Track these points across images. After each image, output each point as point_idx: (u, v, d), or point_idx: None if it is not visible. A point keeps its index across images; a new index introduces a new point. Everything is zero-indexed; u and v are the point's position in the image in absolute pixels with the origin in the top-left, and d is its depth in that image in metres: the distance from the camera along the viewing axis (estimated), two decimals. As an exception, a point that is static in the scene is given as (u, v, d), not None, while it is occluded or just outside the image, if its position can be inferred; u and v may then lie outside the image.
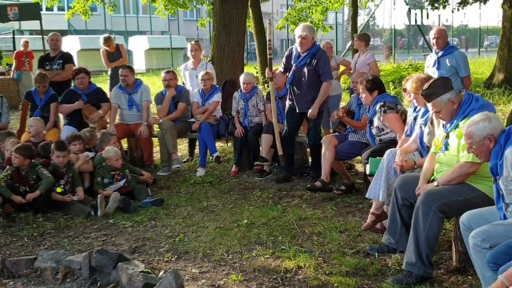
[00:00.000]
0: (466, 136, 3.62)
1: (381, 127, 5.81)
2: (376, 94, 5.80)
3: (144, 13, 38.73)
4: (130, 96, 7.90)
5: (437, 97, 4.08)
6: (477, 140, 3.54)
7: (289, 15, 19.64)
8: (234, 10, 10.04)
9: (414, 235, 4.02)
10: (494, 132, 3.51)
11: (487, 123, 3.53)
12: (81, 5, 15.83)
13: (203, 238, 5.02)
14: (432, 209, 3.95)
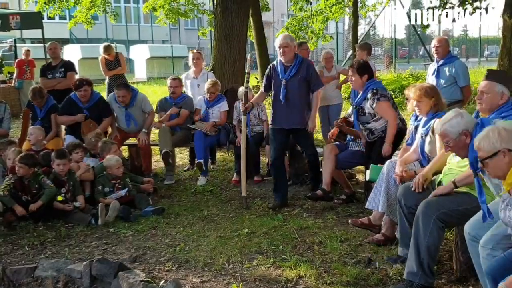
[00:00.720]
0: (441, 135, 3.65)
1: (373, 114, 5.86)
2: (366, 79, 5.86)
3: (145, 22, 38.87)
4: (127, 111, 7.82)
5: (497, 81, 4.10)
6: (453, 137, 3.56)
7: (289, 24, 19.71)
8: (235, 20, 10.07)
9: (415, 244, 4.01)
10: (468, 126, 3.53)
11: (460, 119, 3.55)
12: (84, 14, 15.89)
13: (203, 247, 5.01)
14: (432, 218, 3.94)
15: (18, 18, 10.36)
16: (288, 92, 6.34)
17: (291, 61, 6.35)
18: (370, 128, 5.97)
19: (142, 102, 7.92)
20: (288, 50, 6.29)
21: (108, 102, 7.99)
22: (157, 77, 25.61)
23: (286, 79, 6.32)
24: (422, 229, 3.97)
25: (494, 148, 3.19)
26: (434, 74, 6.99)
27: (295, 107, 6.38)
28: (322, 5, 18.93)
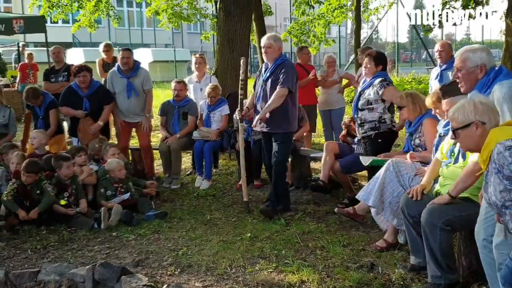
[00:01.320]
0: (460, 59, 3.56)
1: (371, 100, 5.90)
2: (380, 69, 5.94)
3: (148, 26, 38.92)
4: (129, 81, 7.69)
5: (454, 95, 4.03)
6: (470, 66, 3.49)
7: (292, 28, 19.72)
8: (238, 24, 10.08)
9: (429, 250, 4.02)
10: (487, 64, 3.47)
11: (485, 54, 3.49)
12: (87, 18, 15.93)
13: (206, 252, 5.01)
14: (437, 226, 3.93)
15: (22, 22, 10.39)
16: (264, 94, 6.15)
17: (273, 61, 6.14)
18: (361, 117, 5.99)
19: (144, 77, 7.80)
20: (271, 51, 6.10)
21: (109, 76, 7.95)
22: (160, 81, 25.61)
23: (264, 80, 6.17)
24: (431, 237, 3.98)
25: (467, 120, 3.18)
26: (437, 78, 7.00)
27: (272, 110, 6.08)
28: (324, 9, 18.94)
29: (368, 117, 5.99)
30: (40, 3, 15.29)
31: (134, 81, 7.72)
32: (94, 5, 15.58)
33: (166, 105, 8.16)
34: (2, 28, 10.22)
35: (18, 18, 10.85)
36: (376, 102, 5.93)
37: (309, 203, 6.69)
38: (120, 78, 7.74)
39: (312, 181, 7.37)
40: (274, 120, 6.11)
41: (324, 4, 19.23)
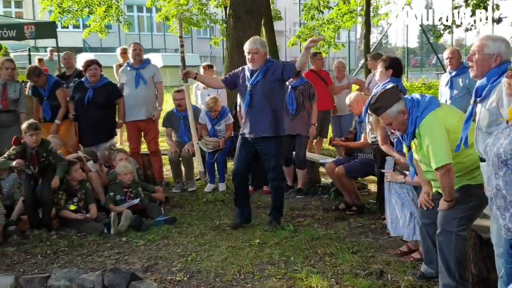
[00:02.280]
0: (479, 44, 3.50)
1: None
2: (391, 74, 5.77)
3: (158, 31, 39.11)
4: (138, 71, 7.76)
5: (385, 110, 3.95)
6: (486, 52, 3.43)
7: (301, 32, 19.76)
8: (247, 30, 10.11)
9: (443, 261, 3.97)
10: (504, 55, 3.41)
11: (504, 46, 3.41)
12: (98, 23, 16.05)
13: (215, 258, 5.02)
14: (453, 232, 3.90)
15: (33, 28, 10.46)
16: (252, 99, 5.83)
17: (260, 67, 5.83)
18: (371, 122, 5.88)
19: (155, 71, 7.95)
20: (258, 57, 5.77)
21: (120, 71, 8.03)
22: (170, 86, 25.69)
23: (252, 84, 5.82)
24: (447, 247, 3.93)
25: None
26: (447, 85, 6.96)
27: (261, 114, 5.84)
28: (333, 14, 18.96)
29: None
30: (51, 8, 15.46)
31: (143, 72, 7.79)
32: (104, 10, 15.72)
33: (170, 115, 8.07)
34: (13, 33, 10.29)
35: (29, 23, 10.91)
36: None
37: (318, 209, 6.68)
38: (129, 71, 7.85)
39: (321, 187, 7.41)
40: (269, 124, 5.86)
41: (334, 9, 19.27)
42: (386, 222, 5.33)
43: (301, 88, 7.23)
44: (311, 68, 9.03)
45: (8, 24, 10.65)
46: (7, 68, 7.36)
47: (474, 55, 3.49)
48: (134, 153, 7.88)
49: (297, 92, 7.20)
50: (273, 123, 5.86)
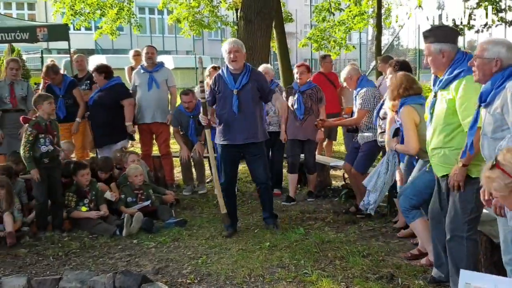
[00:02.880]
0: (480, 49, 3.51)
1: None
2: None
3: (169, 33, 39.25)
4: (151, 74, 7.81)
5: (432, 42, 3.95)
6: (485, 56, 3.43)
7: (312, 34, 19.73)
8: (258, 32, 10.12)
9: (455, 266, 3.95)
10: (505, 60, 3.39)
11: (504, 49, 3.41)
12: (109, 26, 16.15)
13: (225, 260, 5.03)
14: (464, 237, 3.89)
15: (46, 30, 10.51)
16: (241, 104, 5.70)
17: (240, 69, 5.75)
18: (381, 126, 5.83)
19: (168, 75, 8.03)
20: (240, 56, 5.70)
21: (134, 74, 8.08)
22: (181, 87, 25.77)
23: (238, 88, 5.70)
24: (458, 252, 3.93)
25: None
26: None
27: (249, 118, 5.74)
28: (345, 16, 18.92)
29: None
30: (64, 10, 15.56)
31: (156, 76, 7.83)
32: (116, 13, 15.80)
33: (178, 114, 7.94)
34: (26, 36, 10.35)
35: (42, 26, 10.96)
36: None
37: (328, 212, 6.67)
38: (142, 73, 7.90)
39: (331, 190, 7.39)
40: (257, 129, 5.82)
41: (345, 11, 19.23)
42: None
43: (309, 92, 7.15)
44: (320, 70, 9.03)
45: (21, 26, 10.71)
46: (11, 69, 7.43)
47: (475, 60, 3.49)
48: (146, 156, 7.93)
49: (305, 96, 7.12)
50: (261, 128, 5.89)
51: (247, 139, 5.75)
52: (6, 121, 7.31)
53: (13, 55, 16.06)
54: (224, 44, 5.82)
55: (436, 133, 4.00)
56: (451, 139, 3.91)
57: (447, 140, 3.92)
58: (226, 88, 5.75)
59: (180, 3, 18.17)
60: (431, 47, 3.95)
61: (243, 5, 10.49)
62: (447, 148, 3.94)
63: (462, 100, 3.74)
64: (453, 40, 4.00)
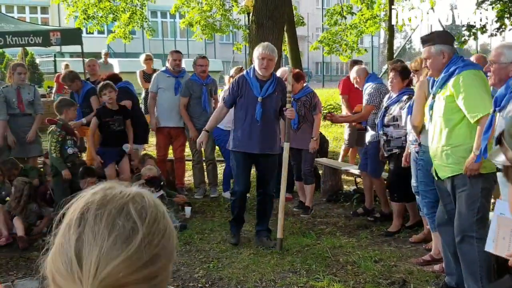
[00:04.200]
0: (495, 53, 3.56)
1: (397, 117, 5.75)
2: (406, 84, 5.79)
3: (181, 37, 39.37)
4: (177, 80, 7.80)
5: (432, 44, 4.00)
6: (502, 61, 3.46)
7: (323, 37, 19.71)
8: (270, 36, 10.11)
9: (468, 268, 3.94)
10: None
11: None
12: (122, 30, 16.24)
13: (236, 265, 5.03)
14: (474, 237, 3.87)
15: (59, 34, 10.58)
16: (264, 113, 5.50)
17: (268, 76, 5.55)
18: (387, 134, 5.82)
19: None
20: (272, 65, 5.49)
21: (156, 77, 8.00)
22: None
23: (263, 96, 5.49)
24: (469, 253, 3.91)
25: None
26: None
27: (270, 129, 5.58)
28: (356, 20, 18.89)
29: (394, 134, 5.79)
30: (77, 14, 15.66)
31: (181, 81, 7.80)
32: (128, 17, 15.89)
33: (189, 83, 7.61)
34: (39, 40, 10.42)
35: (55, 30, 11.04)
36: (401, 118, 5.70)
37: (340, 217, 6.66)
38: (167, 77, 7.84)
39: (343, 195, 7.36)
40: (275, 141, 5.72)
41: (357, 15, 19.20)
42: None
43: (304, 99, 6.79)
44: (348, 75, 8.94)
45: (35, 31, 10.78)
46: (19, 73, 7.45)
47: (491, 66, 3.49)
48: (161, 160, 7.90)
49: (299, 104, 6.74)
50: (278, 141, 5.77)
51: (264, 149, 5.55)
52: (14, 126, 7.35)
53: (26, 58, 16.19)
54: (257, 47, 5.50)
55: (436, 132, 4.04)
56: (451, 136, 3.94)
57: (448, 137, 3.95)
58: (250, 94, 5.49)
59: (192, 7, 18.23)
60: (431, 49, 4.01)
61: (255, 9, 10.51)
62: (448, 146, 3.96)
63: (463, 94, 3.77)
64: (451, 42, 4.08)
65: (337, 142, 11.73)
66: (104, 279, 0.92)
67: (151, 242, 0.98)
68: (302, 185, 7.11)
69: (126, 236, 0.96)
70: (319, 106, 6.96)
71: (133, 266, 0.94)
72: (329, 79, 38.39)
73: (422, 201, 4.84)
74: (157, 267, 0.99)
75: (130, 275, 0.94)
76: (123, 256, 0.94)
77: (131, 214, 0.98)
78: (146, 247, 0.97)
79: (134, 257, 0.95)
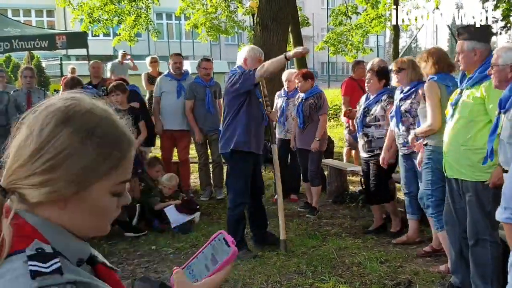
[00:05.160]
0: (495, 56, 3.57)
1: (378, 117, 5.75)
2: (384, 84, 5.79)
3: (187, 38, 39.45)
4: (179, 83, 7.83)
5: (466, 39, 3.97)
6: (500, 63, 3.49)
7: (328, 38, 19.71)
8: (274, 38, 10.14)
9: (478, 271, 3.94)
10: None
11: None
12: (127, 32, 16.30)
13: (242, 267, 5.05)
14: (488, 240, 3.88)
15: (64, 38, 10.69)
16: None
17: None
18: (367, 134, 5.82)
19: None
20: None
21: (159, 81, 8.01)
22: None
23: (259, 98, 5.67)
24: (483, 256, 3.92)
25: None
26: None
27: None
28: (362, 20, 18.88)
29: (376, 134, 5.77)
30: (82, 17, 15.74)
31: (184, 84, 7.84)
32: (133, 19, 15.94)
33: (193, 86, 7.73)
34: (45, 44, 10.54)
35: (61, 34, 11.16)
36: (383, 118, 5.71)
37: (345, 218, 6.67)
38: (170, 81, 7.86)
39: (349, 195, 7.36)
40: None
41: (362, 15, 19.18)
42: None
43: (310, 100, 6.87)
44: (351, 76, 8.94)
45: (40, 35, 10.90)
46: (25, 77, 7.51)
47: (492, 68, 3.51)
48: (166, 163, 7.95)
49: (306, 104, 6.86)
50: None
51: (261, 149, 5.71)
52: None
53: (32, 62, 16.28)
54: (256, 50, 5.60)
55: (456, 129, 4.01)
56: (470, 138, 3.92)
57: (467, 138, 3.93)
58: (258, 96, 5.56)
59: (197, 9, 18.27)
60: (464, 44, 3.96)
61: (259, 11, 10.54)
62: (464, 147, 3.95)
63: (492, 99, 3.74)
64: (487, 39, 4.03)
65: (343, 143, 11.71)
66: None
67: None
68: (309, 186, 7.11)
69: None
70: (325, 107, 6.97)
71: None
72: (334, 79, 38.33)
73: (428, 201, 4.82)
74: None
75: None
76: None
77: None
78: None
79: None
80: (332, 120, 15.50)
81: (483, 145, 3.72)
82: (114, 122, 1.13)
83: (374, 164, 5.82)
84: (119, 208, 1.17)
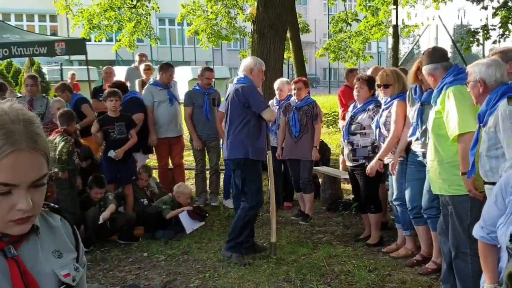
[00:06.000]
0: (468, 72, 3.66)
1: (364, 125, 5.77)
2: (371, 94, 5.86)
3: (189, 44, 39.56)
4: (169, 90, 7.84)
5: (424, 65, 4.23)
6: (471, 80, 3.57)
7: (328, 45, 19.76)
8: (271, 45, 10.20)
9: (462, 284, 3.99)
10: (487, 79, 3.47)
11: (484, 69, 3.51)
12: (127, 38, 16.40)
13: (232, 274, 5.08)
14: (468, 253, 3.91)
15: (63, 45, 10.72)
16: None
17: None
18: (352, 142, 5.82)
19: (176, 88, 8.19)
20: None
21: (146, 91, 7.90)
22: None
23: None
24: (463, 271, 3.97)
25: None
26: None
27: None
28: (362, 27, 18.94)
29: (361, 143, 5.78)
30: (82, 22, 15.84)
31: (173, 91, 7.91)
32: (133, 26, 16.03)
33: (191, 93, 7.88)
34: (44, 50, 10.56)
35: (60, 41, 11.18)
36: (369, 127, 5.71)
37: (338, 225, 6.70)
38: (159, 90, 7.82)
39: (342, 203, 7.38)
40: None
41: (362, 22, 19.24)
42: None
43: (305, 108, 6.92)
44: (346, 84, 8.99)
45: (40, 41, 10.92)
46: (26, 85, 7.59)
47: (467, 85, 3.62)
48: (164, 170, 7.99)
49: (301, 113, 6.90)
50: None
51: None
52: None
53: (32, 68, 16.37)
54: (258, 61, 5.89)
55: (430, 145, 4.21)
56: (439, 152, 4.06)
57: (438, 152, 4.08)
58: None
59: (198, 16, 18.35)
60: (423, 70, 4.30)
61: (256, 18, 10.59)
62: (435, 161, 4.11)
63: (446, 111, 3.91)
64: (439, 60, 4.20)
65: (339, 150, 11.73)
66: None
67: None
68: (302, 196, 7.13)
69: None
70: (320, 115, 7.04)
71: None
72: (336, 84, 38.35)
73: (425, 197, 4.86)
74: None
75: None
76: None
77: None
78: None
79: None
80: (331, 127, 15.52)
81: (453, 156, 3.82)
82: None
83: (359, 175, 5.84)
84: (13, 210, 1.23)
